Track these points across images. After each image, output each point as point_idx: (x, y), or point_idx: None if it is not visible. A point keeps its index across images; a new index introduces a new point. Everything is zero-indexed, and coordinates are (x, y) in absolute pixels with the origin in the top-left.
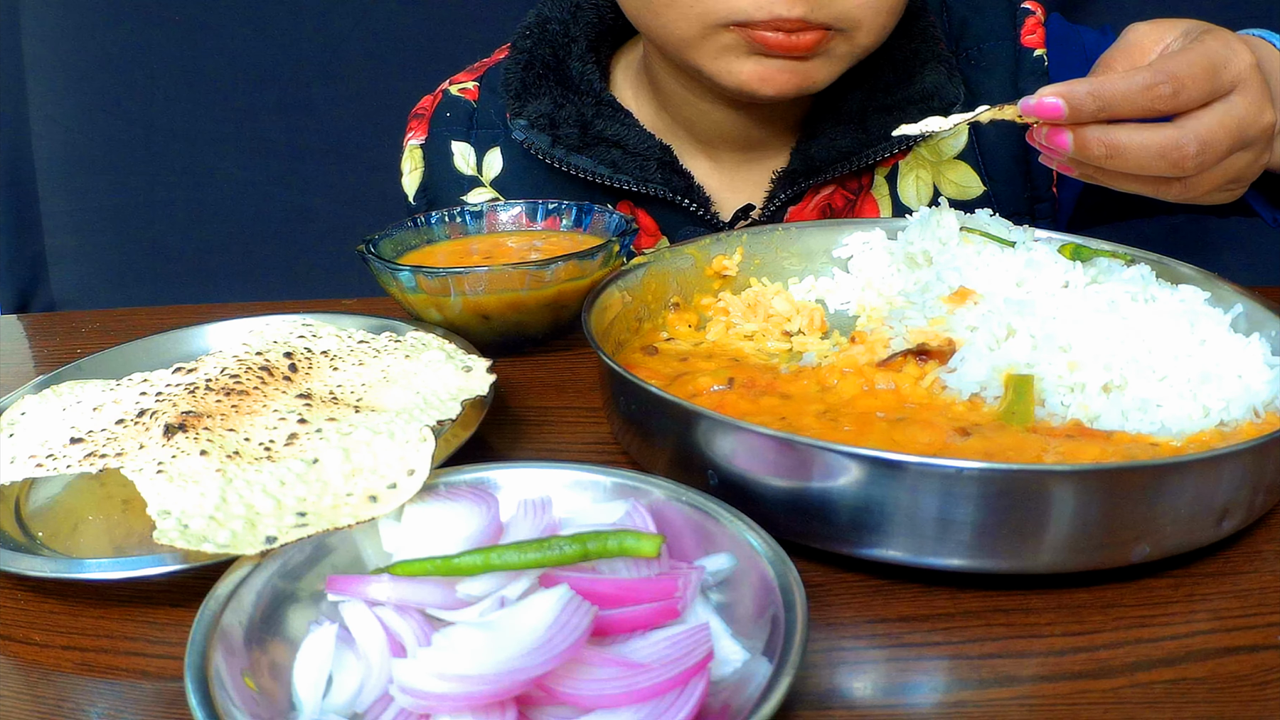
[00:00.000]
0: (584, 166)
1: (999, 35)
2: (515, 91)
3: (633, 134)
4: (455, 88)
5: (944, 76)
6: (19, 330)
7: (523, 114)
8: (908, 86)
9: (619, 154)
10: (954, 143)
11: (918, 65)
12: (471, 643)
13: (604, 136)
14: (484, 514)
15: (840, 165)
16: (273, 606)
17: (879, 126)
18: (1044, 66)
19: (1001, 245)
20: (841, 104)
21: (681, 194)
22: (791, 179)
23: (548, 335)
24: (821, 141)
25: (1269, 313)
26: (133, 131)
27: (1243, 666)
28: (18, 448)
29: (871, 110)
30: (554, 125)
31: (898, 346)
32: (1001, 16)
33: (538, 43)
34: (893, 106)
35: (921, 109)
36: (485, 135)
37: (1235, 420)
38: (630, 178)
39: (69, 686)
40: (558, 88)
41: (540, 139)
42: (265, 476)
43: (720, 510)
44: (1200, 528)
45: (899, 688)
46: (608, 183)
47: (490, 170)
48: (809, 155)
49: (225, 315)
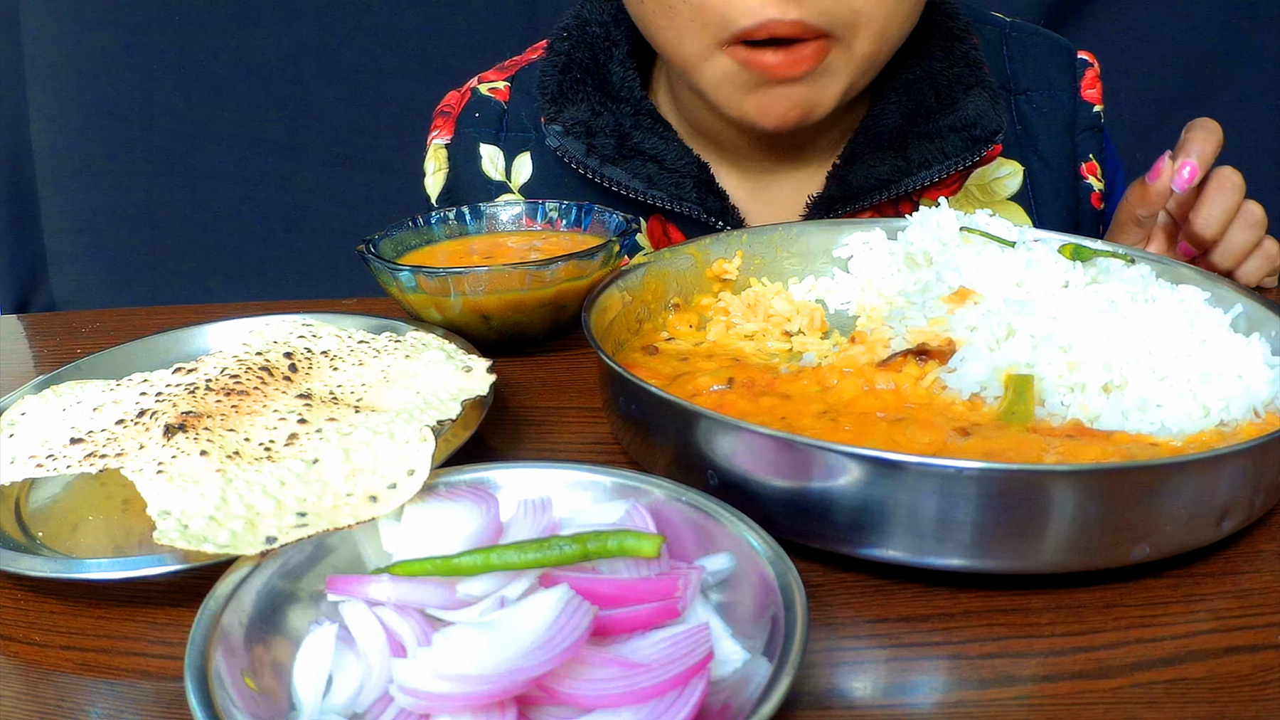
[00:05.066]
0: (619, 179)
1: (1058, 85)
2: (551, 96)
3: (671, 148)
4: (485, 86)
5: (987, 103)
6: (19, 330)
7: (558, 120)
8: (949, 113)
9: (655, 169)
10: (1009, 183)
11: (960, 90)
12: (471, 643)
13: (641, 149)
14: (484, 514)
15: (878, 193)
16: (273, 606)
17: (919, 154)
18: (1101, 122)
19: (1001, 245)
20: (881, 129)
21: (716, 215)
22: (827, 205)
23: (548, 335)
24: (860, 168)
25: (1269, 312)
26: (133, 131)
27: (1243, 666)
28: (18, 448)
29: (912, 137)
30: (590, 134)
31: (898, 346)
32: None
33: (576, 45)
34: (934, 134)
35: (963, 137)
36: (515, 139)
37: (1235, 420)
38: (665, 194)
39: (69, 686)
40: (596, 94)
41: (575, 147)
42: (265, 477)
43: (720, 510)
44: (1200, 528)
45: (899, 688)
46: (641, 198)
47: (519, 176)
48: (846, 181)
49: (225, 315)
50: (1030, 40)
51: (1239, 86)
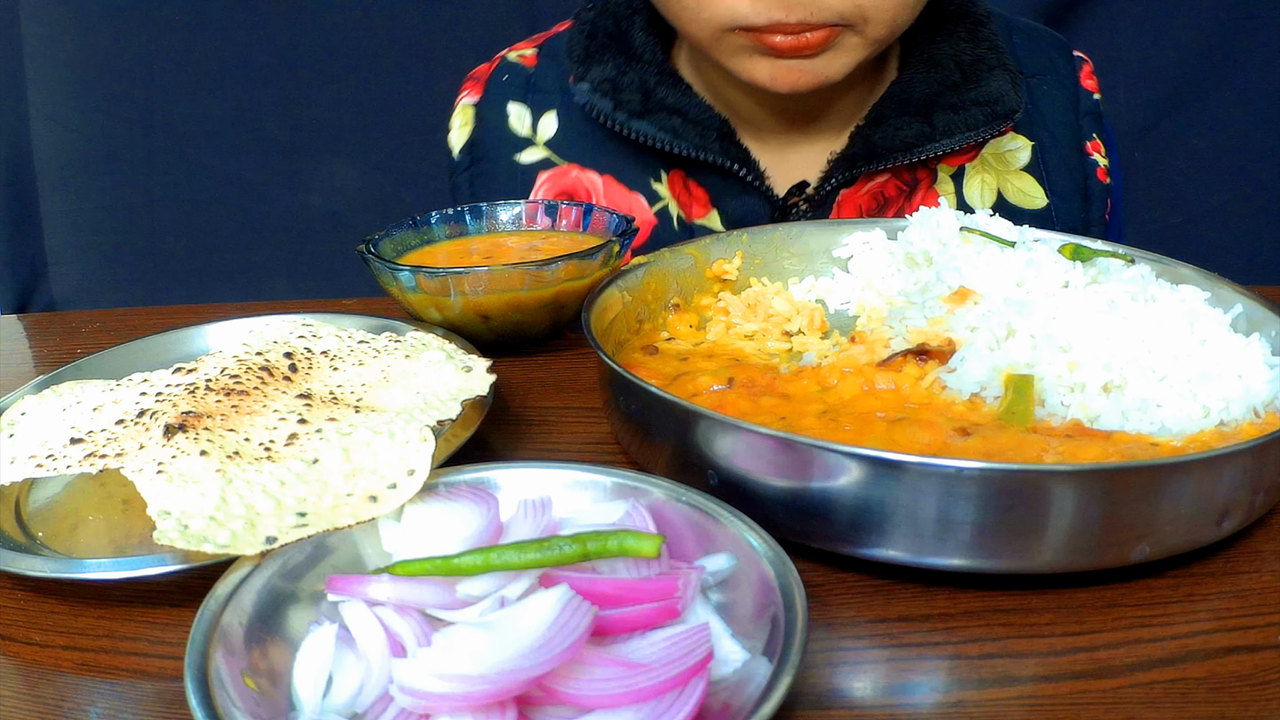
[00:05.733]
0: (644, 132)
1: (1059, 72)
2: (579, 58)
3: (694, 104)
4: (514, 54)
5: (1008, 84)
6: (19, 330)
7: (585, 78)
8: (974, 88)
9: (679, 122)
10: (1021, 155)
11: (984, 71)
12: (471, 643)
13: (665, 104)
14: (484, 514)
15: (900, 155)
16: (273, 606)
17: (944, 123)
18: (1100, 109)
19: (1001, 245)
20: (908, 97)
21: (739, 163)
22: (850, 162)
23: (548, 335)
24: (885, 129)
25: (1269, 312)
26: (133, 131)
27: (1243, 666)
28: (18, 448)
29: (937, 107)
30: (617, 90)
31: (898, 346)
32: (1059, 57)
33: (600, 14)
34: (958, 105)
35: (986, 112)
36: (542, 99)
37: (1235, 420)
38: (690, 144)
39: (69, 686)
40: (620, 57)
41: (602, 103)
42: (265, 477)
43: (720, 510)
44: (1200, 528)
45: (899, 688)
46: (666, 148)
47: (545, 132)
48: (871, 140)
49: (225, 315)
50: (1034, 32)
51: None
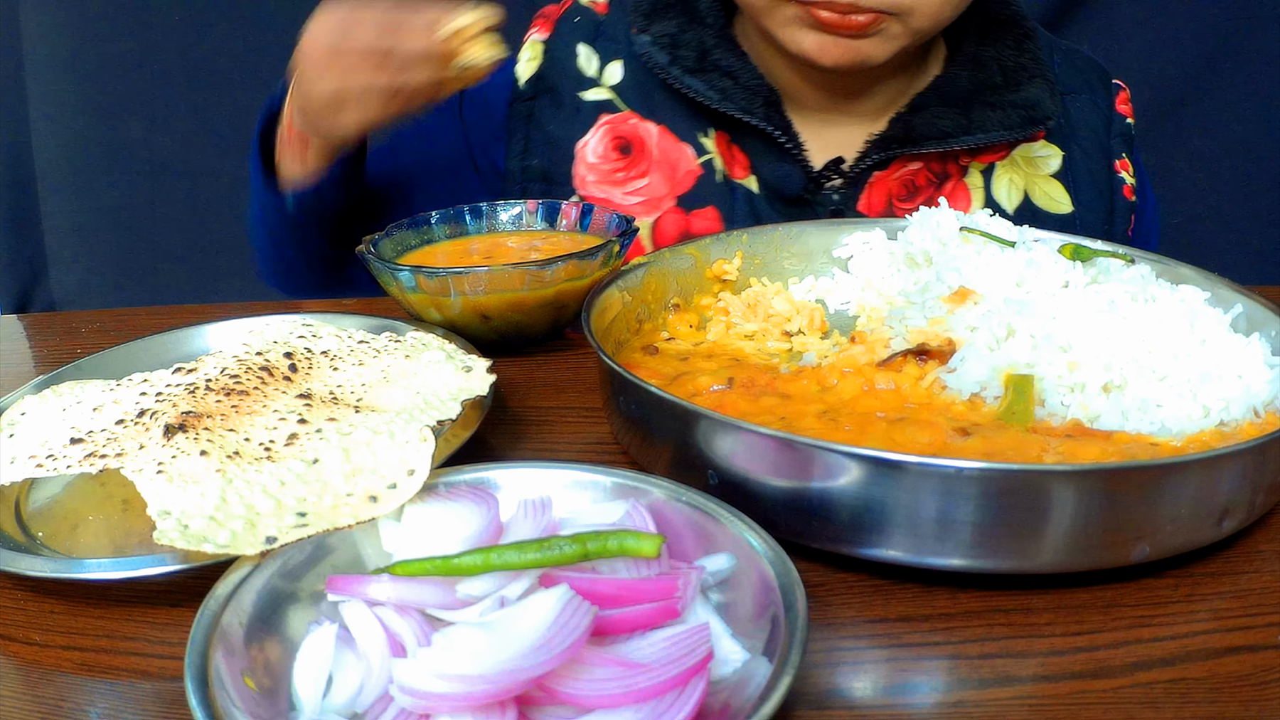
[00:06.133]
0: (695, 88)
1: (1094, 93)
2: (645, 11)
3: (746, 70)
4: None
5: (1047, 93)
6: (19, 330)
7: (647, 31)
8: (1014, 92)
9: (730, 84)
10: (1051, 162)
11: (1025, 78)
12: (471, 643)
13: (719, 65)
14: (484, 514)
15: (937, 143)
16: (273, 606)
17: (980, 119)
18: (1132, 133)
19: (1001, 245)
20: (950, 90)
21: (781, 130)
22: (886, 144)
23: (548, 335)
24: (925, 116)
25: (1269, 312)
26: (133, 131)
27: (1243, 666)
28: (18, 448)
29: (977, 104)
30: (675, 46)
31: (898, 346)
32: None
33: None
34: (997, 104)
35: (1022, 115)
36: (609, 47)
37: (1235, 420)
38: (736, 106)
39: (69, 686)
40: (684, 16)
41: (660, 56)
42: (265, 477)
43: (720, 510)
44: (1200, 528)
45: (899, 688)
46: (714, 107)
47: (610, 78)
48: (910, 125)
49: (225, 315)
50: (1074, 55)
51: (1239, 86)
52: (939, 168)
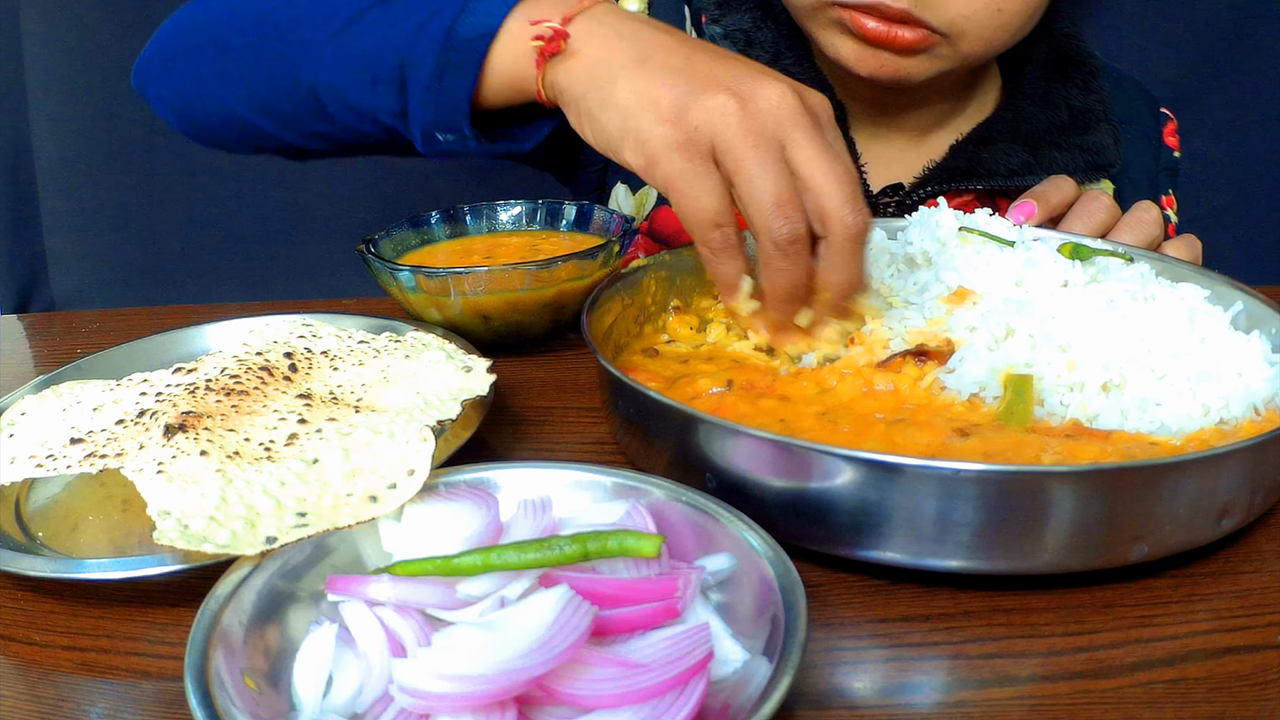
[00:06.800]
0: None
1: (1143, 123)
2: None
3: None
4: None
5: (1110, 139)
6: (19, 330)
7: (720, 23)
8: (1081, 135)
9: None
10: None
11: (1092, 121)
12: (471, 643)
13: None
14: (484, 514)
15: (1002, 179)
16: (273, 606)
17: (1047, 159)
18: (1178, 168)
19: (1000, 245)
20: (1020, 125)
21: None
22: (949, 175)
23: (548, 335)
24: (995, 150)
25: (1269, 310)
26: (133, 131)
27: (1243, 666)
28: (18, 448)
29: (1044, 143)
30: (749, 44)
31: (897, 347)
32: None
33: None
34: (1065, 147)
35: (1088, 159)
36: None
37: (1235, 418)
38: None
39: (69, 686)
40: (758, 10)
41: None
42: (265, 477)
43: (720, 510)
44: (1200, 527)
45: (899, 688)
46: None
47: None
48: (976, 158)
49: (225, 315)
50: (1124, 81)
51: (1239, 86)
52: (988, 203)
